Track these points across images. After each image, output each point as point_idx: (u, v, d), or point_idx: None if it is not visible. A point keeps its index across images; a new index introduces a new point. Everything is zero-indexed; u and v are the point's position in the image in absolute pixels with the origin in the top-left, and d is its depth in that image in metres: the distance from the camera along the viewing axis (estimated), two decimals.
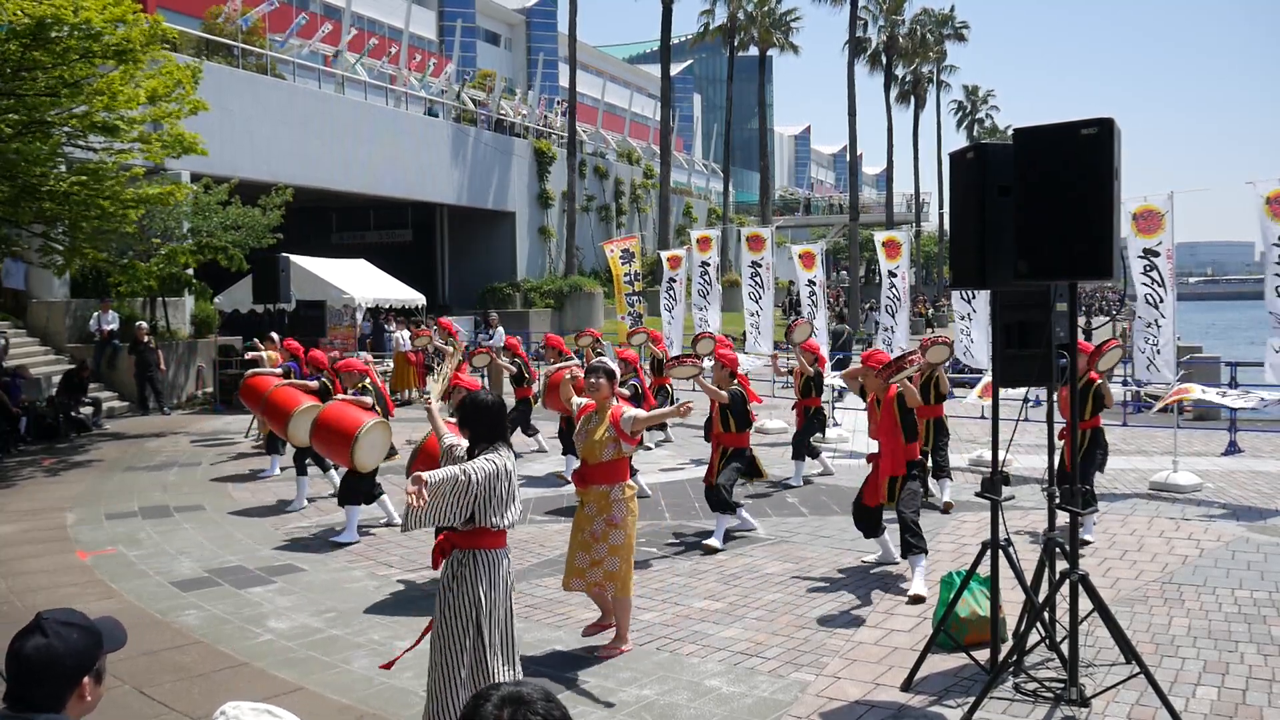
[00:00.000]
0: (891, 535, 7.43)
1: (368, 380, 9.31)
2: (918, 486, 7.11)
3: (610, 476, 5.77)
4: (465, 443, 4.55)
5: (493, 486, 4.28)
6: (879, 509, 7.33)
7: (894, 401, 7.02)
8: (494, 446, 4.41)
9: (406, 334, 20.08)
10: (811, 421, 11.13)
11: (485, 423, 4.44)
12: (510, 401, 12.73)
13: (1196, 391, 10.48)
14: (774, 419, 15.01)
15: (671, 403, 13.55)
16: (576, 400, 6.08)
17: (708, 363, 9.92)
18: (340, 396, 9.22)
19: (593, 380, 5.89)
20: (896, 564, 7.44)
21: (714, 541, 8.18)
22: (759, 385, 17.26)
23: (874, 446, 7.38)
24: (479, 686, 4.18)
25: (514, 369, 12.32)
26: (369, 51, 31.06)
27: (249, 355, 14.36)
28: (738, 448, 8.48)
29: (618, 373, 5.98)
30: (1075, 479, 4.95)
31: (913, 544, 6.87)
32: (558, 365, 10.99)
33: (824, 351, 12.85)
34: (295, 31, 27.87)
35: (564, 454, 11.40)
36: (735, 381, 8.56)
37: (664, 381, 13.45)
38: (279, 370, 12.07)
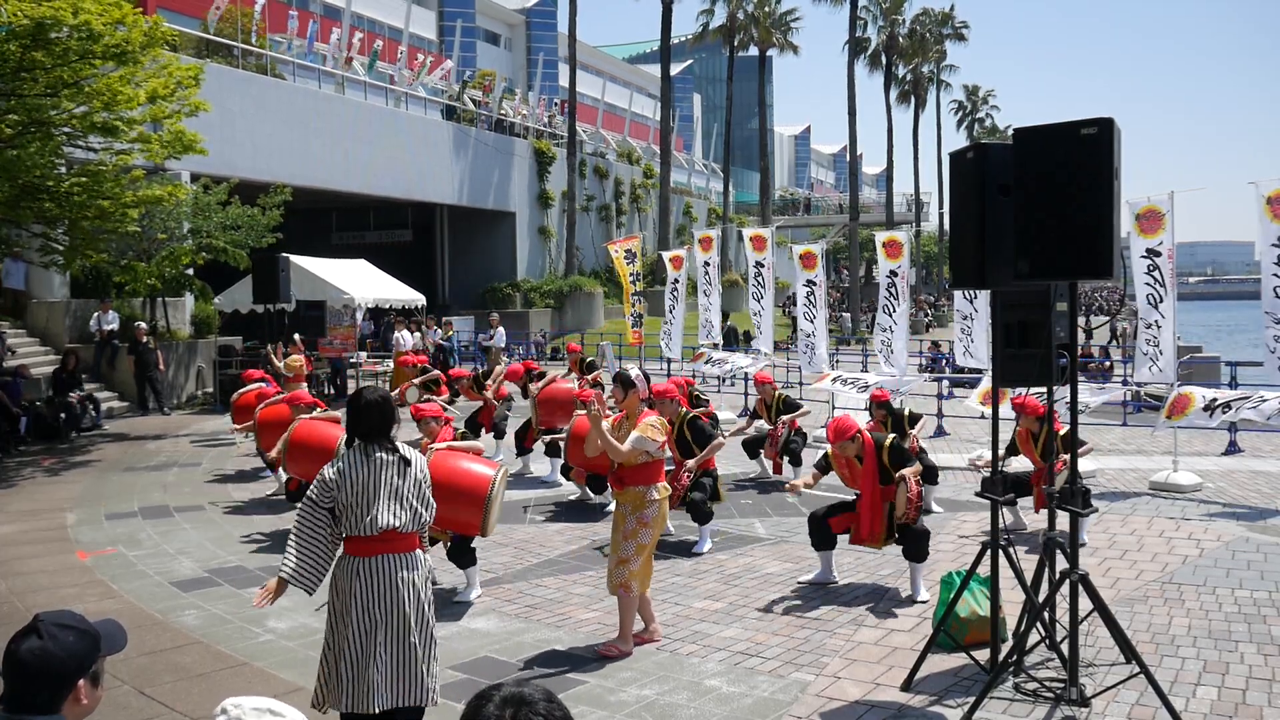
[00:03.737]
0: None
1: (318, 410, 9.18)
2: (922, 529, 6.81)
3: (645, 478, 5.87)
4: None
5: (343, 489, 4.18)
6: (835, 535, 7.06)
7: (875, 452, 6.72)
8: (357, 445, 4.26)
9: (407, 334, 20.08)
10: (795, 437, 10.93)
11: (361, 420, 4.27)
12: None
13: (1198, 400, 10.33)
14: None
15: None
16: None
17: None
18: (308, 416, 8.78)
19: (613, 389, 6.09)
20: (834, 583, 7.13)
21: (702, 548, 8.21)
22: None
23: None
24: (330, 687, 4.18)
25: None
26: (373, 53, 31.00)
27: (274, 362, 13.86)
28: (704, 469, 8.44)
29: (638, 381, 6.03)
30: (1075, 477, 4.95)
31: (915, 553, 6.78)
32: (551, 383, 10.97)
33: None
34: (296, 31, 27.81)
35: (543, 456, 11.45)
36: (686, 410, 8.66)
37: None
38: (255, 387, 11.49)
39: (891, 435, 7.03)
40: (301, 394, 9.71)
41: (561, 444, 10.53)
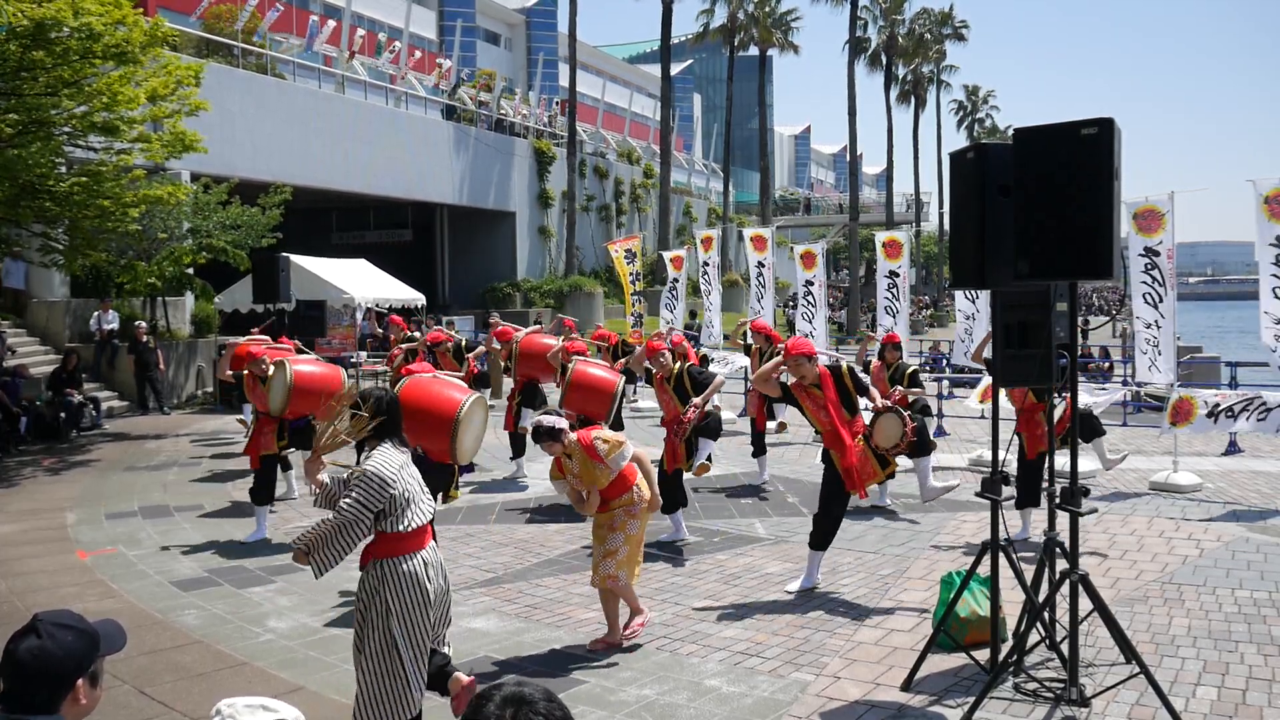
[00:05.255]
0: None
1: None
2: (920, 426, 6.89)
3: (621, 489, 5.90)
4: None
5: (400, 489, 4.20)
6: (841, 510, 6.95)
7: (831, 379, 6.62)
8: (383, 443, 4.30)
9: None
10: (771, 410, 11.12)
11: (388, 419, 4.34)
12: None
13: (1201, 408, 10.30)
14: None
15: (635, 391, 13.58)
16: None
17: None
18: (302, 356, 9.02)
19: (543, 444, 5.85)
20: (817, 585, 7.05)
21: (681, 536, 8.33)
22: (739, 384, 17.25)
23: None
24: (398, 692, 4.19)
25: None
26: (370, 51, 30.98)
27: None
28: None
29: (560, 426, 5.83)
30: (1075, 478, 4.95)
31: (920, 446, 6.90)
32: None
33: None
34: (278, 17, 27.70)
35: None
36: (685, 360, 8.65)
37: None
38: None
39: (848, 361, 6.92)
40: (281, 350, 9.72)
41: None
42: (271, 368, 8.90)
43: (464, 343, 12.27)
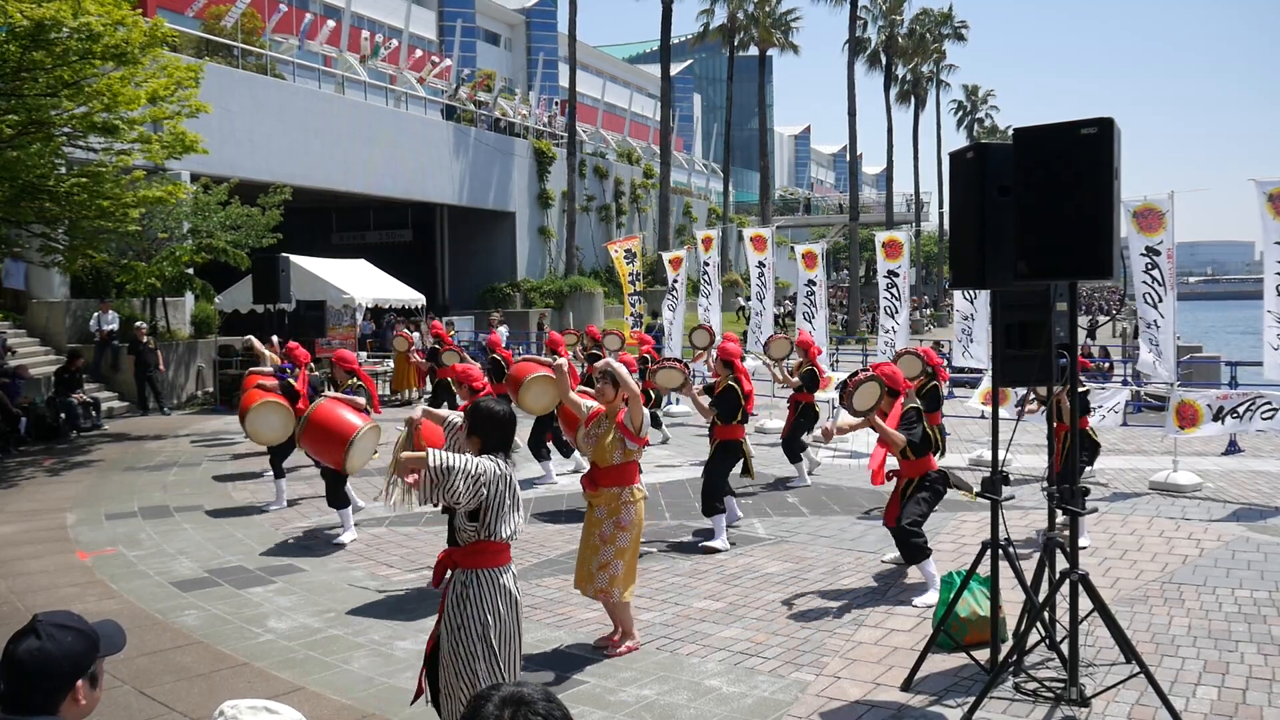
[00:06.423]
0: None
1: (357, 378, 9.27)
2: (925, 499, 6.77)
3: (620, 479, 5.79)
4: (459, 417, 4.58)
5: (501, 491, 4.10)
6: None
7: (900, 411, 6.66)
8: (499, 455, 4.22)
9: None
10: (800, 419, 11.04)
11: (496, 433, 4.22)
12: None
13: (1204, 410, 10.26)
14: (774, 419, 15.00)
15: (658, 404, 13.46)
16: (585, 403, 6.04)
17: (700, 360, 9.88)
18: (331, 394, 8.70)
19: (599, 385, 5.88)
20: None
21: (716, 543, 8.18)
22: (759, 384, 17.24)
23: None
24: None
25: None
26: (375, 48, 30.96)
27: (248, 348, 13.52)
28: (729, 440, 8.44)
29: (624, 377, 5.92)
30: (1075, 478, 4.95)
31: (914, 552, 6.69)
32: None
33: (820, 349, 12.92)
34: (279, 21, 27.69)
35: (566, 456, 11.46)
36: (733, 373, 8.53)
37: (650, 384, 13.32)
38: (270, 371, 11.92)
39: (915, 403, 6.79)
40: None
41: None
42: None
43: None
